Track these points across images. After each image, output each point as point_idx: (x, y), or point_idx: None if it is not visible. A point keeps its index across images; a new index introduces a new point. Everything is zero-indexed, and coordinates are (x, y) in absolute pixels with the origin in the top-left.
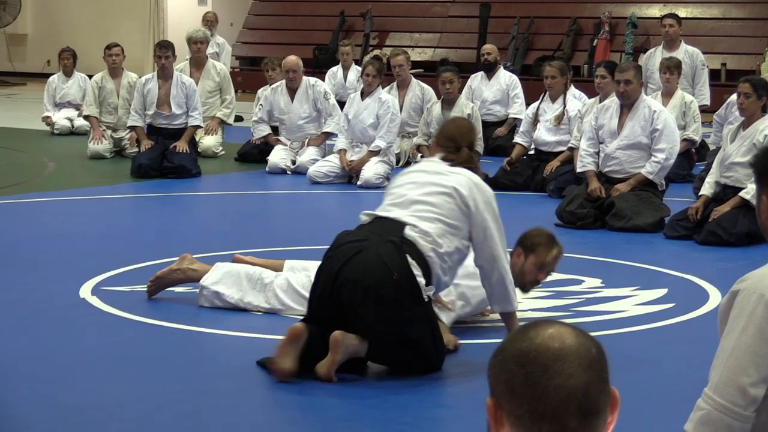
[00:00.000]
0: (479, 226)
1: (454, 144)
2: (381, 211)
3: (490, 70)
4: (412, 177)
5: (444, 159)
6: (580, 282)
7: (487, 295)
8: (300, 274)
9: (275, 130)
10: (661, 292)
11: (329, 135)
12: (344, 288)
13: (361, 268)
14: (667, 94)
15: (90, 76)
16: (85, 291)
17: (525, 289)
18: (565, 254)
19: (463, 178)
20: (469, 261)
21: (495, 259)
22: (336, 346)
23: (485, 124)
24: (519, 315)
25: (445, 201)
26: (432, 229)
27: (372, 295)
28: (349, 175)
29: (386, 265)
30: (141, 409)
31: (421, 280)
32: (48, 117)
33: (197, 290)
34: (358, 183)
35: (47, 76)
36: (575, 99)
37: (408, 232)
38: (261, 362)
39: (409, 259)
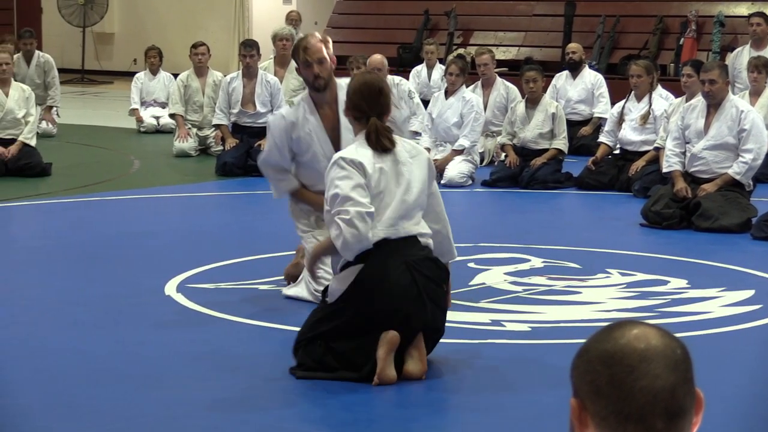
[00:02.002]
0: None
1: (363, 114)
2: (390, 232)
3: (575, 68)
4: (409, 180)
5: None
6: (665, 282)
7: (438, 251)
8: None
9: None
10: (748, 293)
11: (413, 134)
12: (415, 320)
13: (426, 295)
14: (755, 94)
15: (175, 75)
16: (170, 288)
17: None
18: (651, 254)
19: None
20: None
21: (443, 214)
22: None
23: (570, 123)
24: (604, 315)
25: (425, 196)
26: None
27: (436, 313)
28: None
29: (436, 284)
30: (225, 405)
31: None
32: (135, 110)
33: (281, 288)
34: (442, 182)
35: (133, 74)
36: (662, 98)
37: (421, 240)
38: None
39: (442, 264)
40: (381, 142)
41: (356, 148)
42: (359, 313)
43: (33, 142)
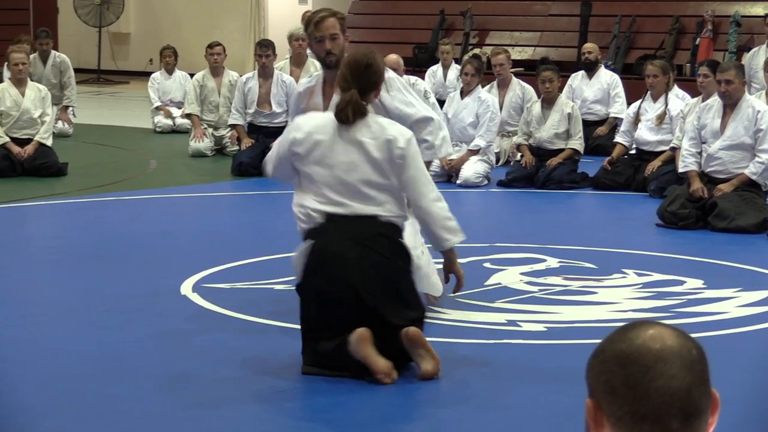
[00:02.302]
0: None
1: (347, 86)
2: (339, 209)
3: (590, 68)
4: (353, 159)
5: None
6: (681, 283)
7: (428, 240)
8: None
9: None
10: (764, 293)
11: None
12: (368, 297)
13: (369, 274)
14: None
15: (191, 75)
16: (186, 288)
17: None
18: (667, 255)
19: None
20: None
21: (421, 201)
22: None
23: (586, 123)
24: (619, 316)
25: (388, 171)
26: (386, 208)
27: (389, 291)
28: (448, 174)
29: (389, 258)
30: (242, 404)
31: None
32: (160, 106)
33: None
34: (458, 182)
35: (149, 74)
36: (678, 99)
37: (381, 218)
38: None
39: (402, 241)
40: (342, 113)
41: (321, 114)
42: (318, 295)
43: (49, 142)
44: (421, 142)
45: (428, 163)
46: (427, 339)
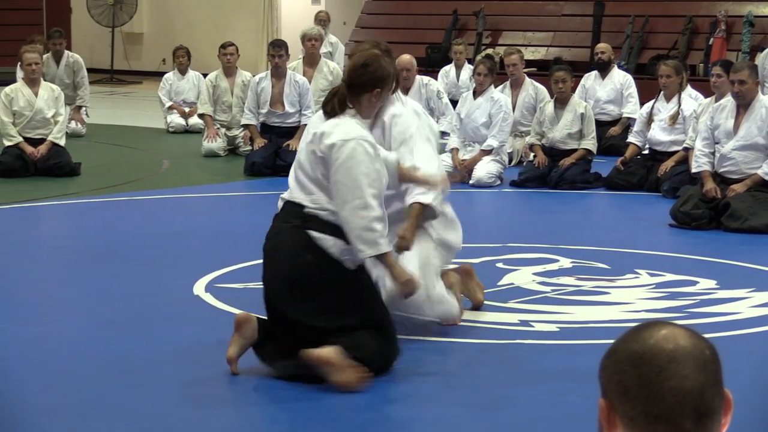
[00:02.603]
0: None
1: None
2: (286, 194)
3: (604, 69)
4: (301, 146)
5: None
6: (694, 283)
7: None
8: None
9: None
10: None
11: (442, 134)
12: (273, 294)
13: (283, 266)
14: None
15: (204, 75)
16: (199, 288)
17: None
18: (680, 255)
19: (334, 136)
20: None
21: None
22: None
23: (599, 123)
24: (632, 316)
25: (313, 162)
26: (324, 199)
27: (294, 286)
28: (461, 174)
29: (295, 254)
30: (255, 403)
31: (335, 250)
32: (172, 105)
33: None
34: (471, 182)
35: (162, 74)
36: (691, 99)
37: (306, 210)
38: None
39: (315, 234)
40: (326, 104)
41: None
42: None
43: (62, 142)
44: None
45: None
46: (443, 339)
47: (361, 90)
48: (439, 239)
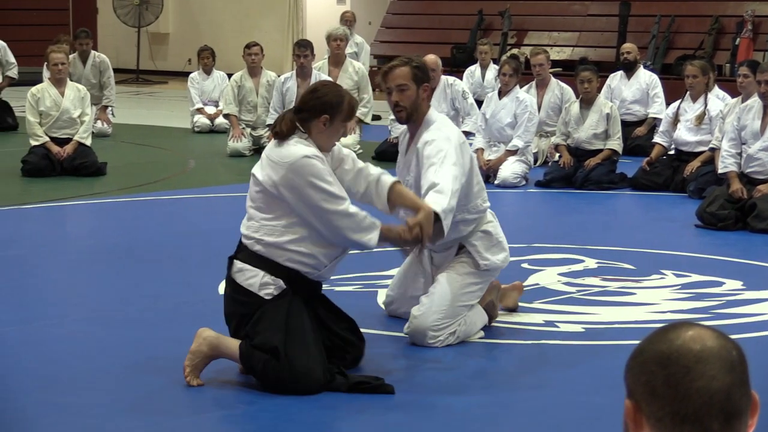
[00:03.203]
0: (306, 208)
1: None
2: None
3: (629, 69)
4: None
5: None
6: (720, 284)
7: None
8: None
9: None
10: None
11: (467, 134)
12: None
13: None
14: None
15: (229, 75)
16: (224, 287)
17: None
18: (706, 256)
19: (273, 167)
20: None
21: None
22: (195, 337)
23: (624, 123)
24: (658, 317)
25: (255, 192)
26: (252, 228)
27: (230, 311)
28: (486, 174)
29: (228, 284)
30: (278, 405)
31: (251, 281)
32: (202, 109)
33: (333, 288)
34: (496, 182)
35: (188, 74)
36: (718, 99)
37: (242, 239)
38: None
39: (236, 266)
40: (273, 127)
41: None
42: None
43: (88, 142)
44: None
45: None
46: (467, 339)
47: (309, 116)
48: (485, 264)
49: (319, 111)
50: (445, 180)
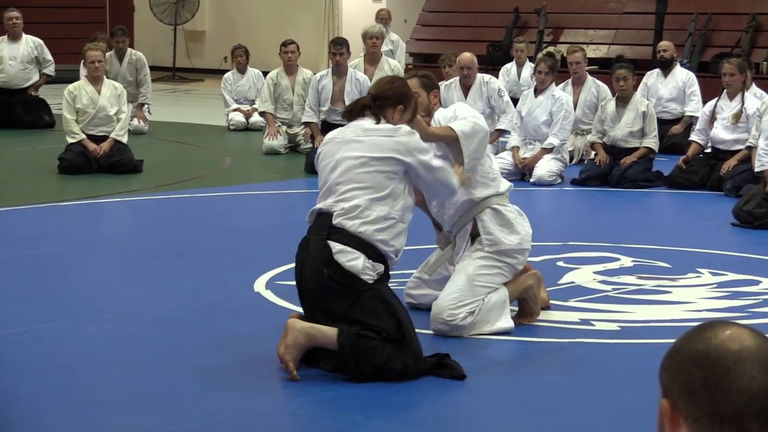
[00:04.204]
0: (419, 170)
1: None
2: (317, 206)
3: (666, 67)
4: (338, 157)
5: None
6: (757, 283)
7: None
8: None
9: None
10: None
11: (502, 132)
12: (308, 305)
13: (308, 278)
14: None
15: (265, 73)
16: (260, 285)
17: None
18: (742, 254)
19: (374, 140)
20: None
21: (448, 186)
22: (288, 329)
23: (661, 121)
24: (694, 315)
25: (365, 174)
26: (355, 207)
27: (322, 295)
28: (522, 173)
29: (317, 266)
30: (312, 401)
31: (354, 264)
32: (238, 108)
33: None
34: (531, 180)
35: (224, 72)
36: (755, 97)
37: (335, 220)
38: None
39: (336, 248)
40: (351, 112)
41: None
42: None
43: (125, 139)
44: None
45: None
46: (502, 338)
47: (386, 103)
48: (487, 238)
49: (395, 100)
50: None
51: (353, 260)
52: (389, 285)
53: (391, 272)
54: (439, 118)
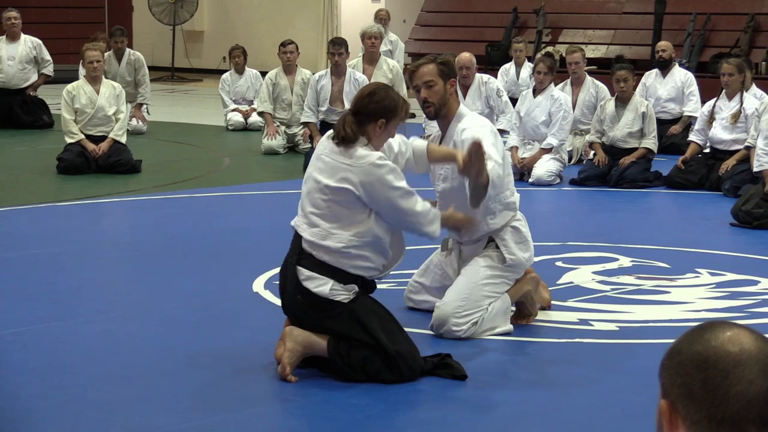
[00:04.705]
0: (383, 208)
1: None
2: (294, 219)
3: (665, 67)
4: (308, 173)
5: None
6: (756, 283)
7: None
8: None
9: None
10: None
11: (501, 132)
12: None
13: (288, 300)
14: None
15: (264, 73)
16: (258, 285)
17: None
18: (741, 254)
19: (334, 164)
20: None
21: (417, 232)
22: (286, 336)
23: (660, 121)
24: (693, 316)
25: (322, 200)
26: (317, 232)
27: (302, 317)
28: (520, 173)
29: (292, 291)
30: (312, 403)
31: (322, 289)
32: (237, 108)
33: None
34: (530, 180)
35: (223, 72)
36: (754, 97)
37: (303, 245)
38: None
39: (303, 274)
40: (338, 132)
41: None
42: None
43: (123, 139)
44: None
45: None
46: (501, 337)
47: (366, 119)
48: (511, 258)
49: (376, 115)
50: (490, 149)
51: (320, 286)
52: (384, 286)
53: (392, 272)
54: (458, 136)
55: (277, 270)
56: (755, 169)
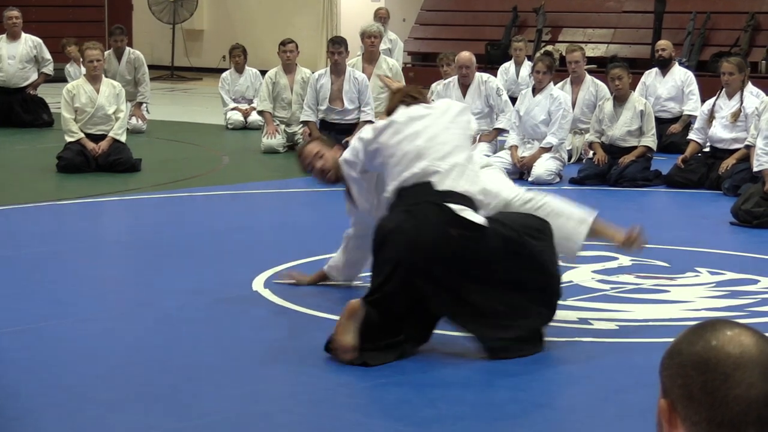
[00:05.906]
0: None
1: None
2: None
3: (664, 66)
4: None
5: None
6: (755, 282)
7: None
8: None
9: None
10: None
11: (501, 131)
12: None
13: (420, 247)
14: None
15: (263, 72)
16: (258, 283)
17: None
18: (741, 253)
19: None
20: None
21: None
22: (352, 313)
23: (659, 120)
24: (692, 314)
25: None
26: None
27: (447, 263)
28: (520, 172)
29: (441, 228)
30: (311, 400)
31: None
32: (236, 107)
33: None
34: (530, 179)
35: (222, 71)
36: (753, 96)
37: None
38: (326, 347)
39: (454, 207)
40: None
41: None
42: None
43: (123, 138)
44: None
45: None
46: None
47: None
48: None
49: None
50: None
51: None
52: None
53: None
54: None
55: (277, 269)
56: (755, 169)
